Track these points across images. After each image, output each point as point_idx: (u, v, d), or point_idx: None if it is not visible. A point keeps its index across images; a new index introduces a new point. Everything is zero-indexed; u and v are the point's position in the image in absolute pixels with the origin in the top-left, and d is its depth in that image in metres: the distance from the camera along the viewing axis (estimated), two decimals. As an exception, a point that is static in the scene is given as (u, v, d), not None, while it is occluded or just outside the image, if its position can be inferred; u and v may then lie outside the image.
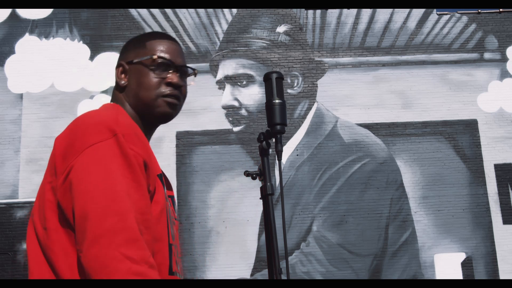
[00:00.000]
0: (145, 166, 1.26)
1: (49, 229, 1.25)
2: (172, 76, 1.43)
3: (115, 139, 1.23)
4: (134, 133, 1.28)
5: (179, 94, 1.45)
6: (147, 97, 1.42)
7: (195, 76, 1.52)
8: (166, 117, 1.44)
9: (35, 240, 1.28)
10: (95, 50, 10.12)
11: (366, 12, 10.53)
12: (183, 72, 1.47)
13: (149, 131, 1.47)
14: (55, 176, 1.26)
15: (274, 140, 1.46)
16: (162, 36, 1.50)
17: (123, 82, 1.46)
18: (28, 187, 9.42)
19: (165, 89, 1.42)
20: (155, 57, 1.43)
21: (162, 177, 1.36)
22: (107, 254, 1.12)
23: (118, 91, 1.48)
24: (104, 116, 1.29)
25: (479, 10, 10.57)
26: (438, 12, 10.55)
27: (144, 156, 1.26)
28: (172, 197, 1.48)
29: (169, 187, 1.46)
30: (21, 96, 9.88)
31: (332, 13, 10.52)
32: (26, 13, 10.22)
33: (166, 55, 1.44)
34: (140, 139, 1.29)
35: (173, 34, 10.22)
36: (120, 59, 1.51)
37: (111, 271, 1.11)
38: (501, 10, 10.64)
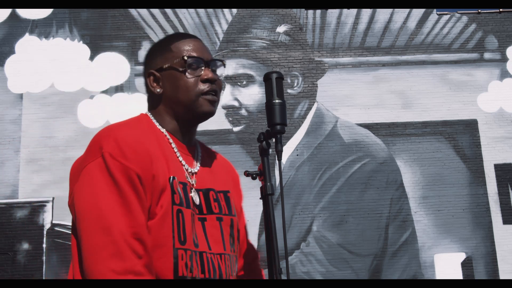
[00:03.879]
0: (139, 178, 1.29)
1: (73, 244, 1.36)
2: (206, 72, 1.44)
3: (101, 158, 1.29)
4: (128, 147, 1.30)
5: (216, 88, 1.46)
6: (187, 98, 1.42)
7: (224, 67, 1.53)
8: (208, 116, 1.46)
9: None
10: (95, 50, 10.12)
11: (366, 12, 10.53)
12: (214, 66, 1.49)
13: (187, 132, 1.48)
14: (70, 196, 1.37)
15: (274, 140, 1.46)
16: (184, 36, 1.50)
17: (158, 90, 1.46)
18: (28, 187, 9.42)
19: (203, 87, 1.43)
20: (185, 58, 1.43)
21: (174, 180, 1.37)
22: (95, 270, 1.23)
23: (152, 100, 1.49)
24: (103, 133, 1.35)
25: (479, 10, 10.57)
26: (438, 12, 10.55)
27: (137, 169, 1.29)
28: (221, 192, 1.50)
29: (203, 184, 1.46)
30: (21, 96, 9.88)
31: (332, 13, 10.51)
32: (26, 13, 10.22)
33: (194, 53, 1.44)
34: (137, 152, 1.31)
35: (173, 34, 10.23)
36: (147, 68, 1.50)
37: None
38: (501, 10, 10.64)
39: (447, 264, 9.45)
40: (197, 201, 1.42)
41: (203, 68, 1.44)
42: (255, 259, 1.65)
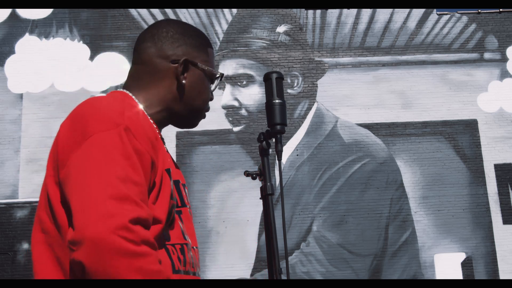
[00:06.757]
0: (152, 164, 1.19)
1: (62, 226, 1.17)
2: (213, 94, 1.45)
3: (117, 131, 1.15)
4: (141, 128, 1.21)
5: None
6: (197, 106, 1.41)
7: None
8: (191, 127, 1.48)
9: (42, 239, 1.22)
10: (95, 50, 10.12)
11: (366, 12, 10.53)
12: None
13: (164, 125, 1.47)
14: (58, 170, 1.19)
15: (274, 140, 1.46)
16: (211, 45, 1.48)
17: (184, 81, 1.36)
18: (28, 187, 9.42)
19: (207, 105, 1.45)
20: (218, 75, 1.42)
21: (170, 171, 1.30)
22: (103, 239, 1.02)
23: (156, 80, 1.37)
24: (108, 107, 1.22)
25: (479, 10, 10.57)
26: (438, 12, 10.55)
27: (152, 153, 1.20)
28: (184, 184, 1.43)
29: (178, 175, 1.41)
30: (21, 96, 9.88)
31: (332, 13, 10.51)
32: (26, 13, 10.22)
33: (218, 74, 1.45)
34: (147, 135, 1.22)
35: (173, 34, 10.23)
36: (179, 51, 1.38)
37: (111, 261, 1.02)
38: (501, 10, 10.64)
39: (447, 264, 9.45)
40: None
41: (213, 89, 1.45)
42: None
